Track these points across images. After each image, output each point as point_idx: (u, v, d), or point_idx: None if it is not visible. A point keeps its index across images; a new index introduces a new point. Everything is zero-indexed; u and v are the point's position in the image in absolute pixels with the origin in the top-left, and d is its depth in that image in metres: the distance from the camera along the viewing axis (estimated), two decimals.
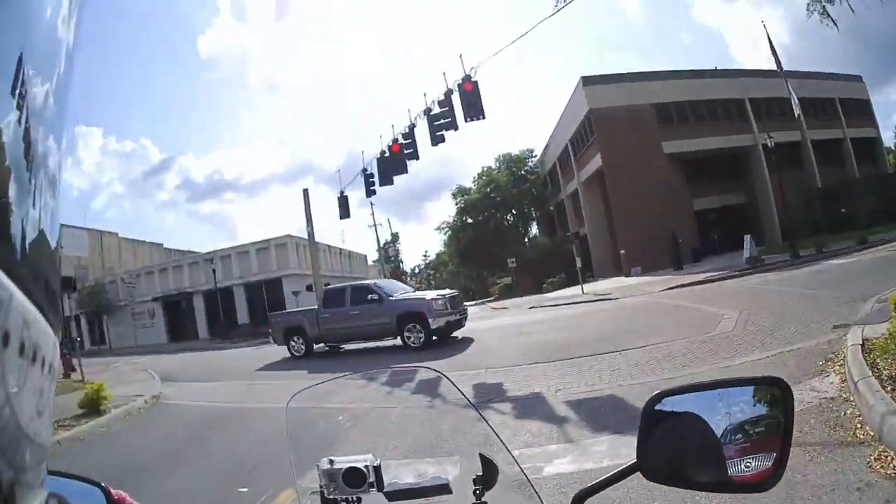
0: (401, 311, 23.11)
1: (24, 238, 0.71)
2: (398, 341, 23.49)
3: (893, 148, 66.95)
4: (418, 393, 8.87)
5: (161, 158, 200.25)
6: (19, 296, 0.65)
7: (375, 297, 24.05)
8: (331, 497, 1.96)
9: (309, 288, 50.96)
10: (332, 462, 1.95)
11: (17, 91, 0.70)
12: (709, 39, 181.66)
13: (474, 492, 1.89)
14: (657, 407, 1.63)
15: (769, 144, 38.25)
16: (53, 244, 0.84)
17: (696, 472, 1.58)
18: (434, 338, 22.48)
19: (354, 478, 1.92)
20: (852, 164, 61.97)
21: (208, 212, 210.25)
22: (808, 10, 20.34)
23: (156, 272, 68.76)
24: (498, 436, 2.14)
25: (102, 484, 1.71)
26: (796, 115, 40.96)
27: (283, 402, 2.45)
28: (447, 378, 2.44)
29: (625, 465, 1.60)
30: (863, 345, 9.29)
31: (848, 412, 7.41)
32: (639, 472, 1.59)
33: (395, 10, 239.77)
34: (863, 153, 64.02)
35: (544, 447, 8.30)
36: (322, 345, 26.35)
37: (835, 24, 20.19)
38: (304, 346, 25.96)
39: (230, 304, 61.52)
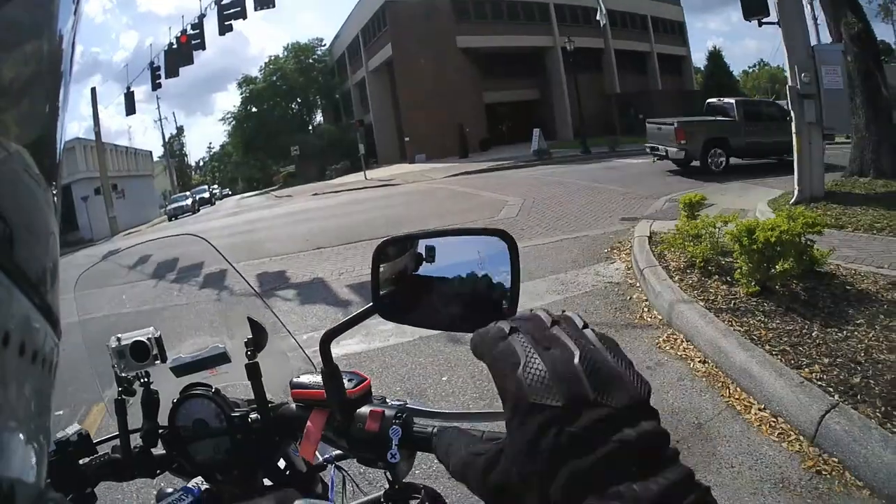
0: None
1: (24, 237, 0.63)
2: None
3: (703, 69, 71.12)
4: (184, 263, 8.53)
5: None
6: (19, 296, 0.60)
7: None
8: (123, 375, 1.89)
9: (97, 191, 49.49)
10: (119, 340, 1.89)
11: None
12: None
13: (246, 353, 1.85)
14: (423, 269, 1.52)
15: (569, 48, 39.05)
16: (54, 243, 0.73)
17: (431, 313, 1.51)
18: None
19: (140, 352, 1.88)
20: (656, 76, 65.65)
21: None
22: None
23: None
24: (262, 299, 2.26)
25: None
26: (602, 25, 41.87)
27: (82, 313, 2.13)
28: (208, 242, 2.32)
29: (363, 308, 1.54)
30: (650, 238, 9.63)
31: (634, 297, 7.63)
32: (377, 314, 1.53)
33: None
34: (670, 69, 68.07)
35: None
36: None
37: None
38: (723, 160, 22.08)
39: None
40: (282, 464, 1.92)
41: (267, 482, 1.91)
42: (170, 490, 1.82)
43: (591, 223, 12.93)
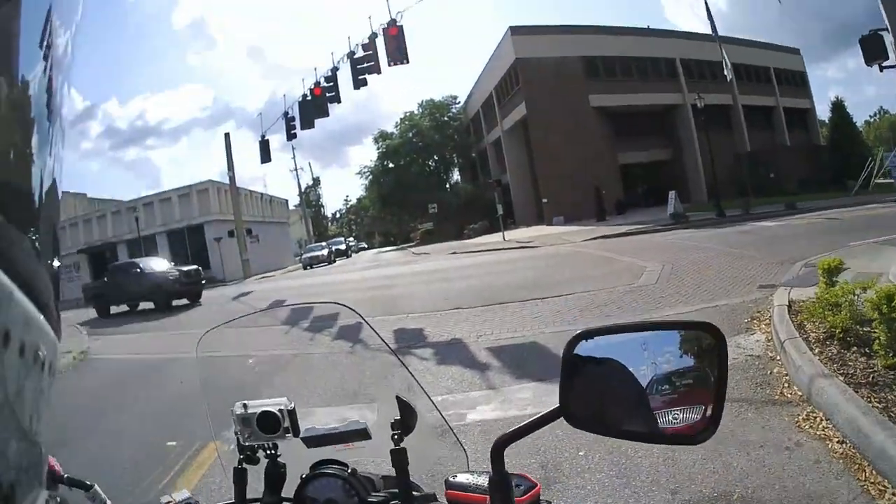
0: None
1: (24, 238, 0.70)
2: None
3: (827, 121, 68.59)
4: (329, 331, 8.59)
5: (84, 106, 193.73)
6: (19, 296, 0.65)
7: None
8: (247, 444, 1.87)
9: (231, 234, 50.59)
10: (245, 406, 1.86)
11: (45, 42, 0.71)
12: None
13: (392, 437, 1.81)
14: (578, 349, 1.49)
15: (699, 105, 38.72)
16: (53, 244, 0.83)
17: (622, 421, 1.47)
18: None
19: (269, 422, 1.84)
20: (783, 131, 64.08)
21: (132, 159, 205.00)
22: None
23: (80, 223, 66.90)
24: (414, 378, 2.07)
25: None
26: (728, 79, 41.30)
27: (205, 350, 2.24)
28: (359, 315, 2.32)
29: (547, 411, 1.49)
30: (789, 306, 9.35)
31: (774, 371, 7.43)
32: (562, 418, 1.48)
33: None
34: (795, 122, 66.28)
35: (467, 393, 8.25)
36: None
37: None
38: None
39: (153, 253, 58.20)
40: None
41: None
42: None
43: (729, 291, 12.69)
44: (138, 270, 30.00)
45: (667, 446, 5.30)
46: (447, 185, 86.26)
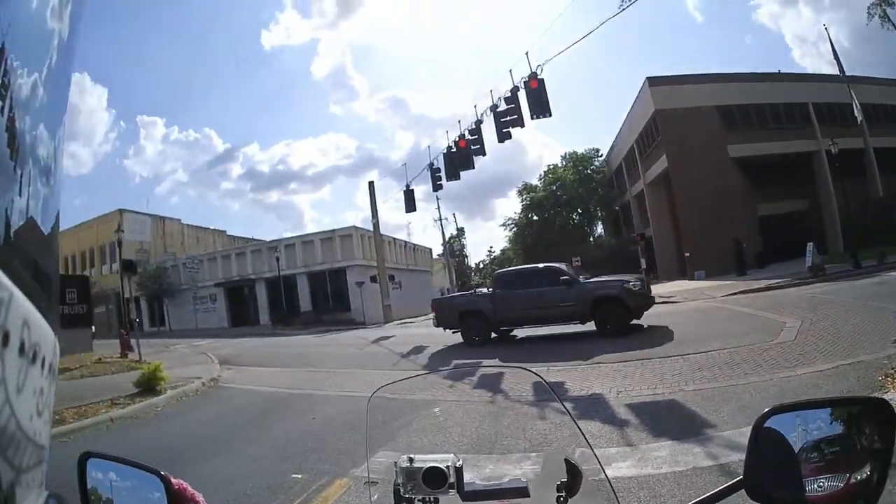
0: None
1: (24, 239, 0.74)
2: None
3: None
4: (501, 390, 8.69)
5: (224, 148, 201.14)
6: (19, 296, 0.68)
7: None
8: (406, 496, 1.89)
9: (373, 279, 51.61)
10: (411, 460, 1.88)
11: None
12: (771, 43, 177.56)
13: (557, 498, 1.83)
14: (767, 423, 1.51)
15: (833, 151, 37.78)
16: (52, 244, 0.90)
17: (793, 491, 1.47)
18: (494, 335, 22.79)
19: (434, 478, 1.85)
20: None
21: (273, 201, 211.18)
22: (868, 13, 20.02)
23: (218, 258, 69.92)
24: (585, 436, 2.16)
25: (162, 473, 1.68)
26: (858, 122, 39.99)
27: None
28: (540, 377, 2.57)
29: (730, 483, 1.51)
30: None
31: None
32: (743, 491, 1.48)
33: (465, 8, 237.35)
34: None
35: (603, 449, 7.99)
36: None
37: (895, 26, 19.83)
38: None
39: (292, 292, 62.00)
40: None
41: None
42: None
43: (865, 346, 12.45)
44: (567, 278, 21.73)
45: None
46: (591, 238, 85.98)
